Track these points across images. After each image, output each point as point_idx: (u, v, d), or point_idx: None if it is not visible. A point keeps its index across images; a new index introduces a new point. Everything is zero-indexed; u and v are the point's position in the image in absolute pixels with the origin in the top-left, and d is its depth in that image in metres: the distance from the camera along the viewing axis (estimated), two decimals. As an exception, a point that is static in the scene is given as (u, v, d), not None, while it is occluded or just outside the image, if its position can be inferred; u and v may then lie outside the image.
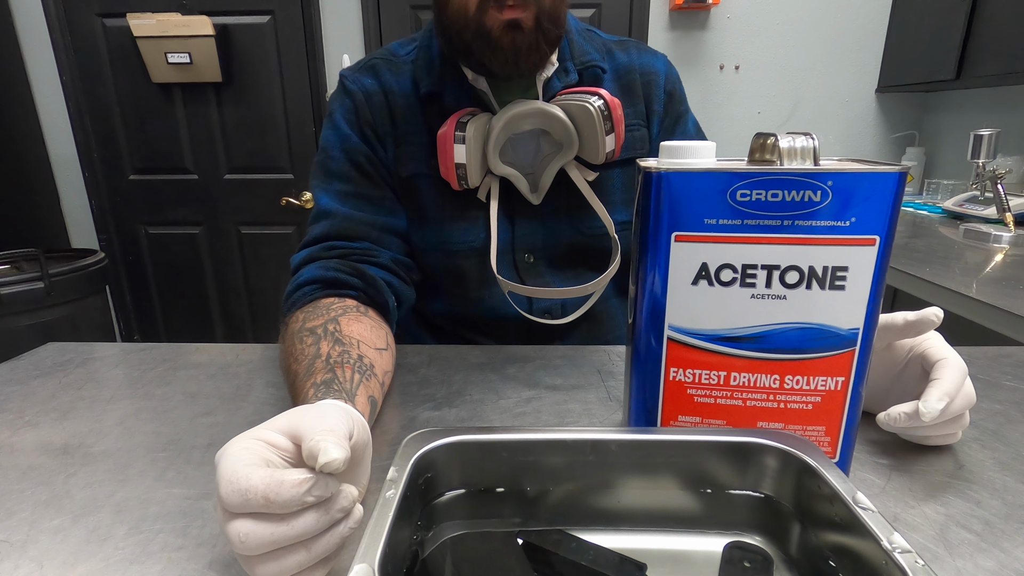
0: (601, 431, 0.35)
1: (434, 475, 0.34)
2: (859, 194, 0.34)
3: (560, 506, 0.35)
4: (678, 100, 0.72)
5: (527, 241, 0.69)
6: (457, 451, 0.34)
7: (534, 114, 0.62)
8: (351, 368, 0.46)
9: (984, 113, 1.94)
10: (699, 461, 0.35)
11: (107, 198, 2.26)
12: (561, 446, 0.35)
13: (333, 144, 0.67)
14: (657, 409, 0.41)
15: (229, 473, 0.28)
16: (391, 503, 0.29)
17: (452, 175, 0.62)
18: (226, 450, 0.30)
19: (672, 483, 0.35)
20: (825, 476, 0.31)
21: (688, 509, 0.36)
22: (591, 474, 0.35)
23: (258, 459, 0.29)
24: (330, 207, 0.65)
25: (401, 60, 0.69)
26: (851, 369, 0.38)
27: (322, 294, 0.58)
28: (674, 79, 0.72)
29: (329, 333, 0.50)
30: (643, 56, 0.71)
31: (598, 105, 0.61)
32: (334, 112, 0.68)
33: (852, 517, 0.28)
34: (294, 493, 0.27)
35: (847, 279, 0.36)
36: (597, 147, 0.62)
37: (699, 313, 0.38)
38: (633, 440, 0.35)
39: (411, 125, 0.66)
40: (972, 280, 1.05)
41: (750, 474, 0.35)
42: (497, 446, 0.35)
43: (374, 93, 0.67)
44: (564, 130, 0.62)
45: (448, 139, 0.60)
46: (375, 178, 0.67)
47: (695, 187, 0.36)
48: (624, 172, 0.70)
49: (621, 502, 0.35)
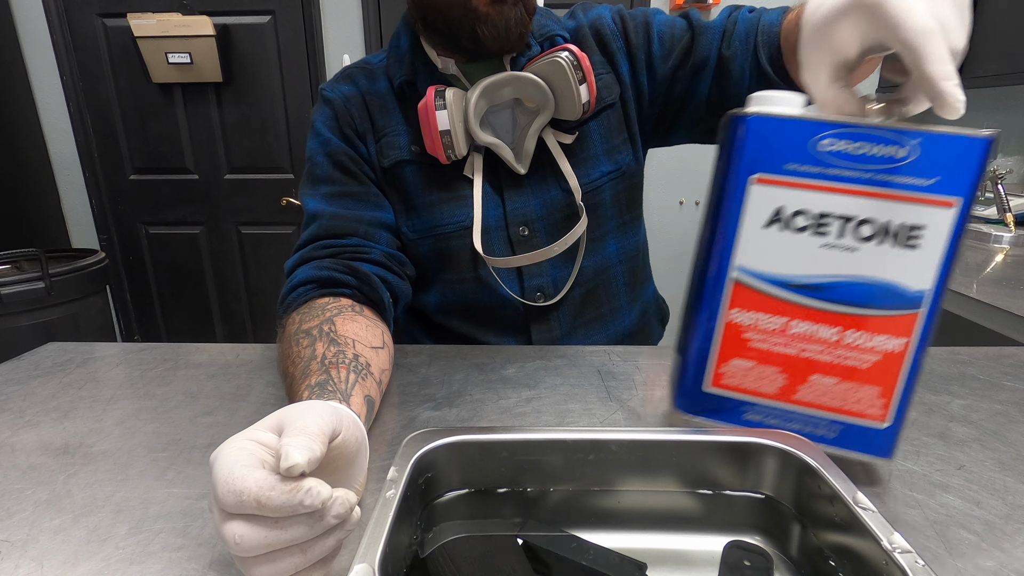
0: (601, 431, 0.35)
1: (434, 475, 0.34)
2: (946, 155, 0.34)
3: (560, 506, 0.35)
4: (630, 20, 0.70)
5: (520, 214, 0.70)
6: (457, 451, 0.34)
7: (508, 81, 0.63)
8: (346, 368, 0.46)
9: (984, 113, 1.93)
10: (699, 461, 0.35)
11: (107, 198, 2.26)
12: (561, 446, 0.35)
13: (316, 151, 0.69)
14: (710, 351, 0.41)
15: (225, 474, 0.28)
16: (391, 503, 0.29)
17: (439, 146, 0.63)
18: (221, 451, 0.30)
19: (672, 483, 0.35)
20: (825, 476, 0.31)
21: (688, 509, 0.36)
22: (591, 474, 0.35)
23: (254, 459, 0.29)
24: (317, 209, 0.66)
25: (375, 67, 0.72)
26: (914, 332, 0.37)
27: (317, 294, 0.58)
28: (618, 10, 0.71)
29: (324, 334, 0.50)
30: (588, 13, 0.72)
31: (565, 56, 0.62)
32: (316, 122, 0.70)
33: (852, 517, 0.28)
34: (285, 499, 0.27)
35: (921, 238, 0.36)
36: (573, 101, 0.63)
37: (768, 257, 0.38)
38: (633, 440, 0.35)
39: (389, 119, 0.69)
40: (972, 280, 1.05)
41: (750, 474, 0.35)
42: (497, 446, 0.35)
43: (351, 96, 0.69)
44: (539, 91, 0.64)
45: (430, 108, 0.61)
46: (359, 175, 0.68)
47: (780, 132, 0.36)
48: (599, 123, 0.70)
49: (621, 502, 0.35)
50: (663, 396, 0.54)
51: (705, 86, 0.67)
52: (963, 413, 0.51)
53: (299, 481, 0.28)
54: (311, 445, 0.28)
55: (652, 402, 0.53)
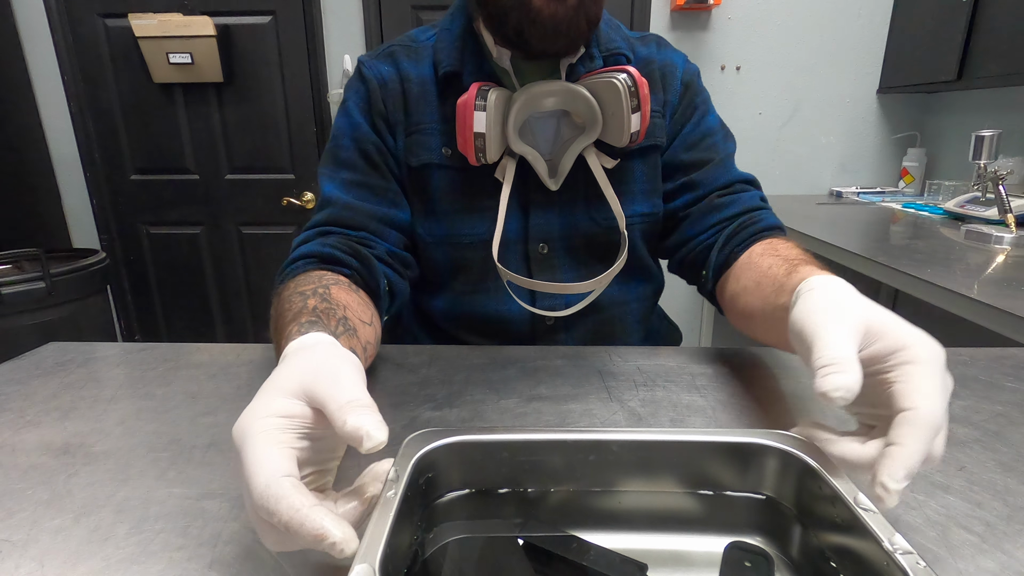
0: (602, 431, 0.35)
1: (435, 475, 0.34)
2: None
3: (561, 507, 0.35)
4: (694, 92, 0.70)
5: (541, 231, 0.68)
6: (458, 451, 0.34)
7: (557, 92, 0.60)
8: (336, 321, 0.46)
9: (985, 114, 1.93)
10: (700, 462, 0.35)
11: (108, 198, 2.26)
12: (562, 446, 0.35)
13: (344, 132, 0.66)
14: None
15: (262, 486, 0.27)
16: (392, 503, 0.29)
17: (470, 146, 0.60)
18: (248, 434, 0.29)
19: (673, 483, 0.35)
20: (826, 477, 0.31)
21: (689, 510, 0.36)
22: (592, 474, 0.35)
23: (287, 461, 0.28)
24: (333, 195, 0.65)
25: (421, 45, 0.68)
26: None
27: (316, 267, 0.57)
28: (692, 72, 0.71)
29: (317, 294, 0.50)
30: (663, 51, 0.71)
31: (624, 78, 0.59)
32: (348, 100, 0.67)
33: (853, 518, 0.28)
34: (309, 541, 0.26)
35: None
36: (622, 126, 0.60)
37: None
38: (634, 440, 0.35)
39: (425, 113, 0.66)
40: (973, 281, 1.04)
41: (751, 475, 0.35)
42: (498, 446, 0.35)
43: (390, 80, 0.66)
44: (588, 109, 0.61)
45: (468, 107, 0.58)
46: (382, 168, 0.66)
47: None
48: (644, 162, 0.68)
49: (622, 503, 0.35)
50: (664, 396, 0.54)
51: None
52: (964, 414, 0.51)
53: (327, 525, 0.26)
54: (381, 417, 0.29)
55: (653, 403, 0.53)
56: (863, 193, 2.11)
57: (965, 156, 1.64)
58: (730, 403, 0.53)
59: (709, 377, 0.58)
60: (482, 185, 0.66)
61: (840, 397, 0.30)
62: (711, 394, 0.54)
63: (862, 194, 2.10)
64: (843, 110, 2.16)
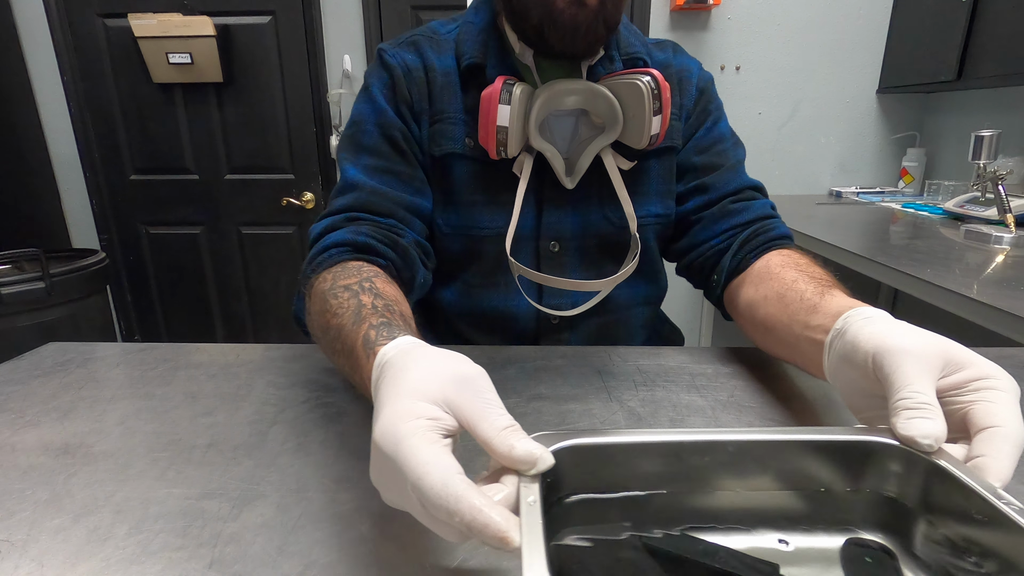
0: (713, 432, 0.34)
1: (554, 479, 0.32)
2: None
3: (668, 508, 0.34)
4: (708, 98, 0.71)
5: (554, 229, 0.68)
6: (578, 454, 0.33)
7: (579, 91, 0.60)
8: (402, 319, 0.44)
9: (985, 114, 1.93)
10: (803, 461, 0.34)
11: (108, 198, 2.26)
12: (676, 448, 0.34)
13: (367, 118, 0.66)
14: None
15: (440, 486, 0.27)
16: (536, 509, 0.27)
17: (492, 140, 0.59)
18: (401, 436, 0.28)
19: (786, 483, 0.34)
20: (956, 474, 0.30)
21: (795, 508, 0.34)
22: (702, 476, 0.34)
23: (452, 459, 0.28)
24: (358, 180, 0.63)
25: (442, 37, 0.68)
26: None
27: (351, 257, 0.56)
28: (707, 79, 0.72)
29: (367, 289, 0.48)
30: (679, 56, 0.71)
31: (648, 81, 0.59)
32: (371, 86, 0.66)
33: (995, 512, 0.27)
34: (493, 540, 0.26)
35: None
36: (642, 128, 0.60)
37: None
38: (751, 440, 0.34)
39: (448, 103, 0.65)
40: (973, 281, 1.05)
41: (865, 472, 0.34)
42: (615, 449, 0.33)
43: (414, 68, 0.66)
44: (609, 109, 0.61)
45: (493, 100, 0.58)
46: (408, 156, 0.66)
47: None
48: (660, 163, 0.68)
49: (734, 502, 0.34)
50: (664, 396, 0.54)
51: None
52: (964, 414, 0.51)
53: (511, 528, 0.26)
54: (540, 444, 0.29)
55: (653, 402, 0.53)
56: (863, 193, 2.11)
57: (965, 156, 1.64)
58: (730, 403, 0.53)
59: (709, 377, 0.58)
60: (500, 179, 0.66)
61: (928, 445, 0.31)
62: (711, 394, 0.54)
63: (861, 194, 2.11)
64: (843, 110, 2.17)
